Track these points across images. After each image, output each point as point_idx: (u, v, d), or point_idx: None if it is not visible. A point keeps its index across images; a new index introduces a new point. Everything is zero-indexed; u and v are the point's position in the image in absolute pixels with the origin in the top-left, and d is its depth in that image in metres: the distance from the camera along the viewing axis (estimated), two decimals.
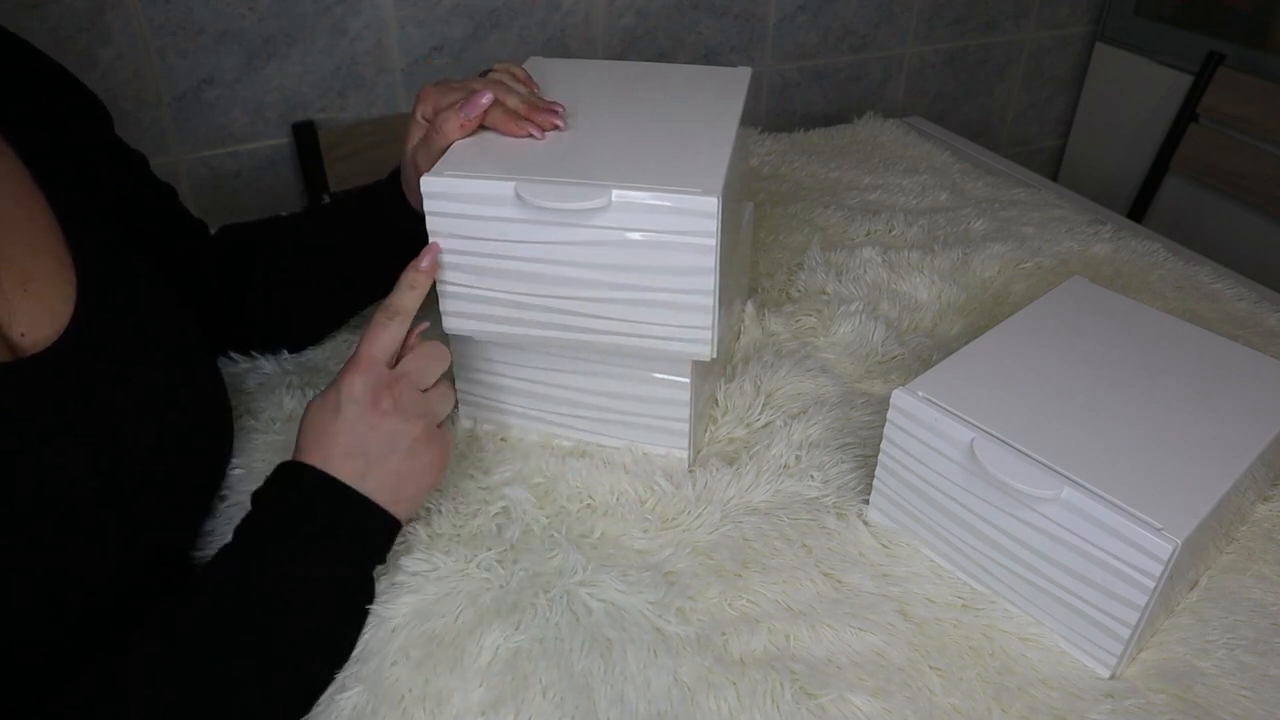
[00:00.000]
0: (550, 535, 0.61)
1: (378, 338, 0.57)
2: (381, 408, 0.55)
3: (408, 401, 0.56)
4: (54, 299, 0.54)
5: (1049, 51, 1.71)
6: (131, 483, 0.54)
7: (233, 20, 1.14)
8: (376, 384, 0.55)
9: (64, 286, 0.55)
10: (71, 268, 0.56)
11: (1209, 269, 0.96)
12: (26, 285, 0.53)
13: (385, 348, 0.57)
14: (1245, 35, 1.46)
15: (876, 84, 1.59)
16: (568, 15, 1.31)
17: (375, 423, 0.55)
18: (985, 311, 0.87)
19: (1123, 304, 0.68)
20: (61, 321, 0.54)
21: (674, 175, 0.58)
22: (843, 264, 0.92)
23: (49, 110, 0.61)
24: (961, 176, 1.17)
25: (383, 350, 0.57)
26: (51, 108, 0.62)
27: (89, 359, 0.54)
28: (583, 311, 0.61)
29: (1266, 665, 0.54)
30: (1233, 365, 0.62)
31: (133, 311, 0.59)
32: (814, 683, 0.52)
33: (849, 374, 0.79)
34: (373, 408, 0.55)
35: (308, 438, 0.55)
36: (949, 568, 0.60)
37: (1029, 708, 0.52)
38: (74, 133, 0.63)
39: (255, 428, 0.70)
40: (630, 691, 0.52)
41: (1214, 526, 0.54)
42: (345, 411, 0.55)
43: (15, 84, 0.60)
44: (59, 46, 1.07)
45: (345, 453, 0.54)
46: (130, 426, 0.55)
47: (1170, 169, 1.55)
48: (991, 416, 0.56)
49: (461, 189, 0.58)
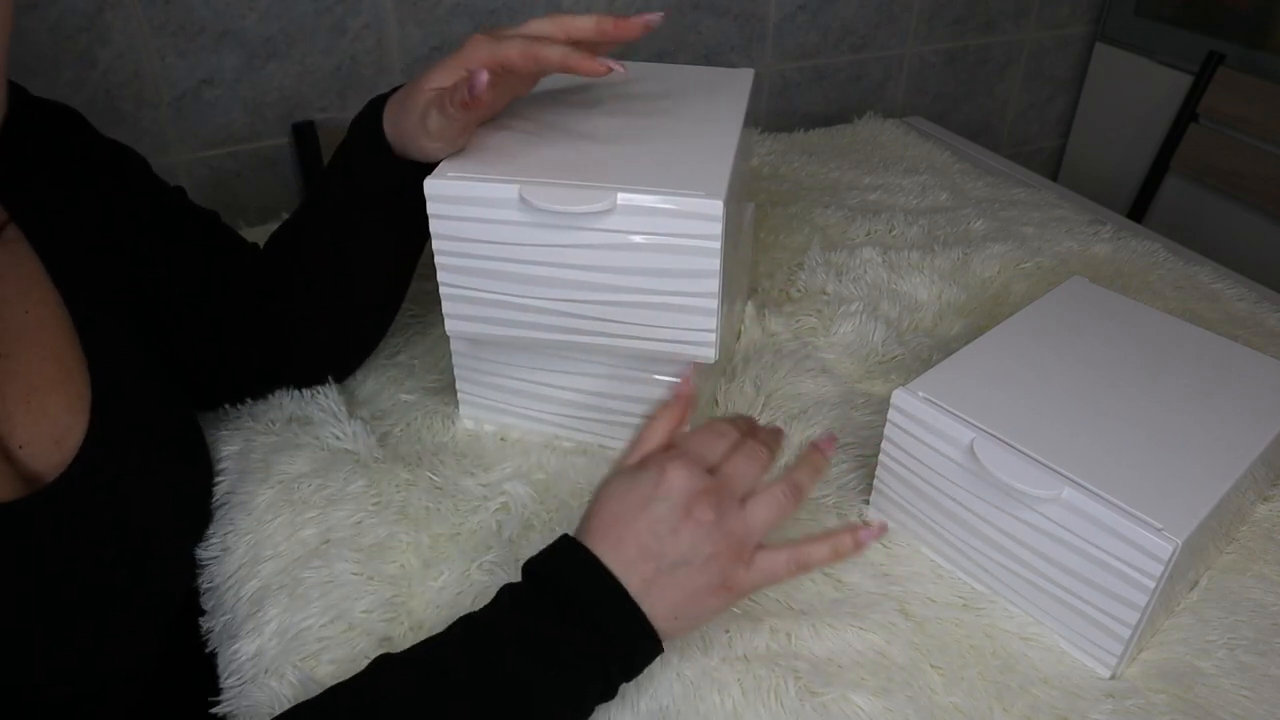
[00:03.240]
0: (552, 530, 0.61)
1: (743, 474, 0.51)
2: (694, 516, 0.48)
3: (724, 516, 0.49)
4: (59, 410, 0.52)
5: (1049, 51, 1.71)
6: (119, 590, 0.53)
7: (233, 20, 1.14)
8: (695, 488, 0.49)
9: (71, 398, 0.53)
10: (82, 376, 0.53)
11: (1209, 269, 0.96)
12: (30, 397, 0.51)
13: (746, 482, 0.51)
14: (1245, 35, 1.46)
15: (876, 84, 1.59)
16: None
17: (682, 532, 0.48)
18: (985, 311, 0.87)
19: (1123, 304, 0.68)
20: (65, 437, 0.52)
21: (678, 178, 0.58)
22: (843, 264, 0.92)
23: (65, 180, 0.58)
24: (961, 176, 1.17)
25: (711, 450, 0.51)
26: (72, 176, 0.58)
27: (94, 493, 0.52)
28: (585, 314, 0.61)
29: (1266, 665, 0.55)
30: (1233, 365, 0.62)
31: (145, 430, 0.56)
32: (816, 681, 0.52)
33: (849, 374, 0.79)
34: (684, 515, 0.48)
35: (598, 519, 0.49)
36: (949, 568, 0.60)
37: (1030, 707, 0.52)
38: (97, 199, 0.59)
39: (255, 429, 0.70)
40: (632, 688, 0.52)
41: (1214, 526, 0.54)
42: (650, 508, 0.48)
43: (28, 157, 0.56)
44: (59, 46, 1.07)
45: (637, 557, 0.48)
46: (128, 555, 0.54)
47: (1170, 169, 1.55)
48: (991, 416, 0.56)
49: (465, 191, 0.58)
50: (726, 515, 0.49)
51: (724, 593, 0.49)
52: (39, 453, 0.51)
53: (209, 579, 0.61)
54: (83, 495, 0.52)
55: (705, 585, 0.48)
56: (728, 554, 0.49)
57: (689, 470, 0.49)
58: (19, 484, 0.50)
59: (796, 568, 0.51)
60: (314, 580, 0.58)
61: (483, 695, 0.45)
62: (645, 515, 0.48)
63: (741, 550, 0.49)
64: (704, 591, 0.49)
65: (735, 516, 0.49)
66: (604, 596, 0.47)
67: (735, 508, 0.49)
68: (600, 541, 0.48)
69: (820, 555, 0.51)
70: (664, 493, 0.48)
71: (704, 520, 0.48)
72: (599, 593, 0.47)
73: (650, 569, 0.48)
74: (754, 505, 0.50)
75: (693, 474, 0.49)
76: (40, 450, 0.51)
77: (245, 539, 0.62)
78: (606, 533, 0.49)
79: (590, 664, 0.47)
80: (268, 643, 0.55)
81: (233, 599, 0.59)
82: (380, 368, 0.78)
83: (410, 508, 0.64)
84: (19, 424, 0.51)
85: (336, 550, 0.60)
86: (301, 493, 0.64)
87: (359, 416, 0.71)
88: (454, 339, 0.68)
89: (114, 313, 0.58)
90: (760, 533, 0.50)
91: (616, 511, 0.49)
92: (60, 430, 0.52)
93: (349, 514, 0.63)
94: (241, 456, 0.68)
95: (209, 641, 0.59)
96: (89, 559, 0.52)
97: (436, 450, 0.69)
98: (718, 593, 0.49)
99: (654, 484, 0.49)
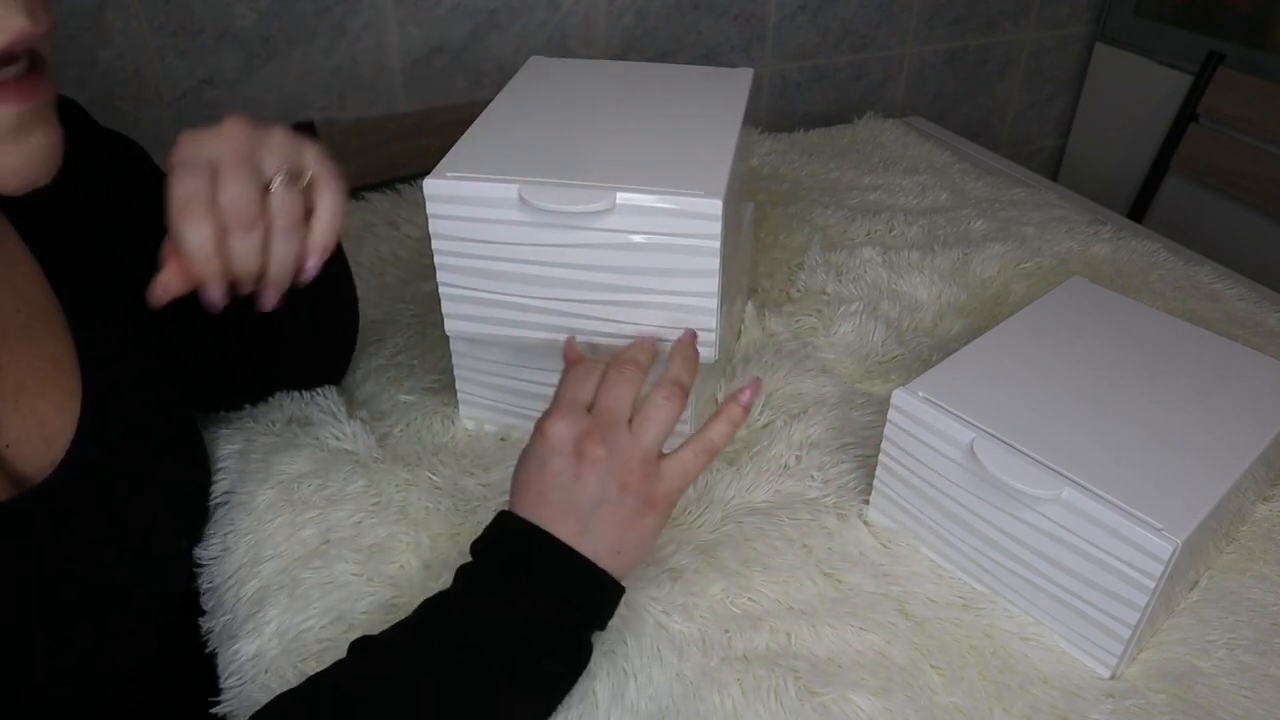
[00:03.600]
0: None
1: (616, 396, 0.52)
2: (588, 457, 0.50)
3: (614, 444, 0.51)
4: (48, 411, 0.52)
5: (1049, 51, 1.71)
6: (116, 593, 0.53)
7: (233, 20, 1.14)
8: (577, 431, 0.51)
9: (62, 397, 0.53)
10: (75, 375, 0.53)
11: (1209, 269, 0.96)
12: (19, 396, 0.51)
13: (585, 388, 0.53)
14: (1245, 35, 1.46)
15: (876, 84, 1.59)
16: (568, 15, 1.31)
17: (584, 475, 0.50)
18: (985, 311, 0.87)
19: (1123, 304, 0.68)
20: (55, 437, 0.52)
21: (677, 178, 0.58)
22: (843, 264, 0.92)
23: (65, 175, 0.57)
24: (961, 176, 1.17)
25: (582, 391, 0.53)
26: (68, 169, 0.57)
27: (84, 494, 0.52)
28: (585, 314, 0.61)
29: (1266, 665, 0.54)
30: (1233, 365, 0.62)
31: (138, 430, 0.56)
32: (816, 681, 0.52)
33: (849, 374, 0.79)
34: (579, 459, 0.50)
35: (520, 494, 0.52)
36: (949, 568, 0.60)
37: (1030, 707, 0.52)
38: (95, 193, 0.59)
39: (255, 429, 0.70)
40: (632, 687, 0.52)
41: (1214, 526, 0.54)
42: (549, 464, 0.51)
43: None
44: (59, 46, 1.07)
45: (558, 512, 0.50)
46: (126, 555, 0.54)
47: (1170, 169, 1.55)
48: (991, 416, 0.56)
49: (464, 191, 0.58)
50: (616, 443, 0.51)
51: (651, 511, 0.52)
52: (28, 453, 0.51)
53: (209, 579, 0.61)
54: (73, 496, 0.51)
55: (630, 513, 0.51)
56: (636, 476, 0.51)
57: (564, 418, 0.51)
58: (8, 485, 0.49)
59: (705, 455, 0.53)
60: (314, 581, 0.58)
61: (452, 674, 0.47)
62: (546, 473, 0.51)
63: (646, 467, 0.51)
64: (632, 518, 0.51)
65: (626, 441, 0.51)
66: (545, 552, 0.50)
67: (623, 433, 0.51)
68: (525, 508, 0.51)
69: (720, 432, 0.53)
70: (551, 447, 0.51)
71: (597, 457, 0.50)
72: (540, 551, 0.50)
73: (573, 520, 0.50)
74: (639, 421, 0.52)
75: (568, 419, 0.51)
76: (30, 451, 0.51)
77: (245, 539, 0.62)
78: (525, 501, 0.51)
79: (551, 623, 0.49)
80: (268, 643, 0.55)
81: (233, 599, 0.59)
82: (380, 368, 0.78)
83: (410, 508, 0.64)
84: (7, 423, 0.50)
85: (336, 550, 0.60)
86: (301, 493, 0.64)
87: (359, 417, 0.71)
88: (454, 339, 0.68)
89: (110, 312, 0.57)
90: (656, 443, 0.52)
91: (524, 479, 0.52)
92: (50, 430, 0.52)
93: (349, 514, 0.63)
94: (241, 456, 0.67)
95: (209, 642, 0.59)
96: (82, 559, 0.51)
97: (436, 450, 0.69)
98: (646, 513, 0.51)
99: (540, 442, 0.51)
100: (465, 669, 0.47)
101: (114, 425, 0.54)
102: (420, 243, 0.96)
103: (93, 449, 0.53)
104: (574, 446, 0.51)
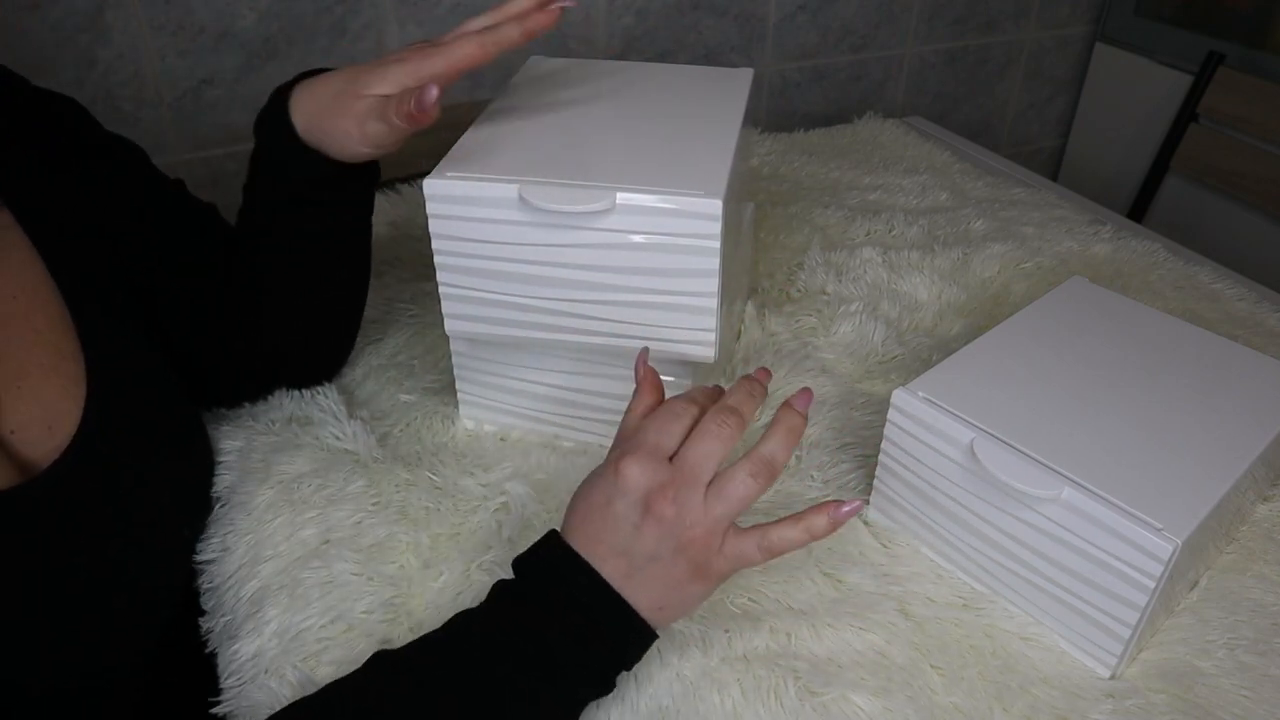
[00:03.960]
0: (551, 529, 0.61)
1: (664, 425, 0.49)
2: (654, 512, 0.47)
3: (686, 505, 0.48)
4: (52, 396, 0.52)
5: (1049, 51, 1.71)
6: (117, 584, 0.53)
7: (233, 20, 1.14)
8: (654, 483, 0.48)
9: (66, 383, 0.53)
10: (77, 363, 0.53)
11: (1209, 269, 0.96)
12: (21, 382, 0.51)
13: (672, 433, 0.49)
14: (1245, 35, 1.46)
15: (876, 84, 1.59)
16: (568, 15, 1.31)
17: (646, 529, 0.47)
18: (985, 311, 0.87)
19: (1123, 304, 0.68)
20: (59, 424, 0.52)
21: (677, 178, 0.58)
22: (843, 264, 0.92)
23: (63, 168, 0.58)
24: (961, 176, 1.17)
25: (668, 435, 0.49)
26: (69, 164, 0.58)
27: (90, 482, 0.52)
28: (585, 314, 0.61)
29: (1266, 665, 0.54)
30: (1233, 365, 0.62)
31: (140, 418, 0.56)
32: (816, 681, 0.52)
33: (849, 374, 0.79)
34: (645, 512, 0.47)
35: (576, 523, 0.50)
36: (949, 568, 0.60)
37: (1030, 707, 0.52)
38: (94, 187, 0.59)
39: (255, 428, 0.70)
40: (632, 687, 0.52)
41: (1214, 526, 0.54)
42: (614, 504, 0.48)
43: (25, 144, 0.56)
44: (59, 46, 1.07)
45: (609, 553, 0.48)
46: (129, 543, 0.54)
47: (1170, 169, 1.55)
48: (991, 416, 0.56)
49: (464, 191, 0.58)
50: (687, 507, 0.48)
51: (701, 580, 0.49)
52: (32, 439, 0.51)
53: (209, 579, 0.61)
54: (78, 482, 0.51)
55: (681, 577, 0.48)
56: (698, 544, 0.48)
57: (642, 464, 0.48)
58: (12, 471, 0.49)
59: (766, 554, 0.49)
60: (314, 581, 0.58)
61: (475, 694, 0.46)
62: (609, 514, 0.48)
63: (710, 538, 0.48)
64: (682, 581, 0.48)
65: (697, 507, 0.48)
66: (589, 589, 0.48)
67: (696, 497, 0.48)
68: (576, 540, 0.49)
69: (791, 538, 0.49)
70: (622, 491, 0.48)
71: (664, 516, 0.47)
72: (584, 586, 0.48)
73: (624, 565, 0.48)
74: (717, 491, 0.48)
75: (646, 467, 0.48)
76: (33, 436, 0.51)
77: (245, 539, 0.62)
78: (580, 532, 0.49)
79: (581, 657, 0.47)
80: (268, 643, 0.55)
81: (233, 599, 0.59)
82: (380, 368, 0.78)
83: (410, 508, 0.64)
84: (9, 409, 0.50)
85: (336, 550, 0.60)
86: (301, 493, 0.64)
87: (359, 416, 0.71)
88: (454, 339, 0.68)
89: (110, 301, 0.58)
90: (728, 519, 0.49)
91: (584, 511, 0.49)
92: (53, 416, 0.52)
93: (349, 514, 0.63)
94: (242, 456, 0.67)
95: (209, 642, 0.59)
96: (86, 547, 0.51)
97: (436, 450, 0.69)
98: (695, 580, 0.49)
99: (611, 482, 0.48)
100: (489, 684, 0.46)
101: (118, 412, 0.54)
102: (420, 243, 0.96)
103: (98, 435, 0.53)
104: (644, 496, 0.47)
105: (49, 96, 0.60)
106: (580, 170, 0.59)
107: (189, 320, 0.65)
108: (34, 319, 0.52)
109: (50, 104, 0.60)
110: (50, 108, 0.60)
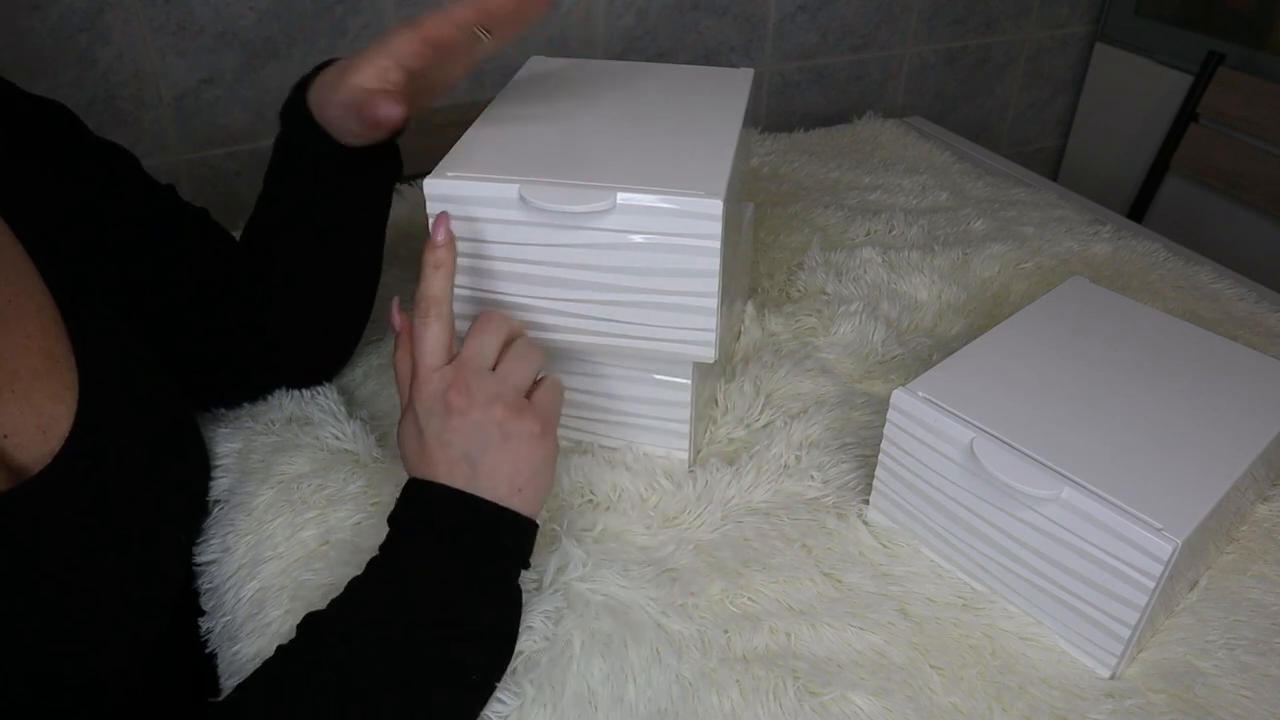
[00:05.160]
0: (550, 529, 0.61)
1: (424, 342, 0.54)
2: (455, 408, 0.52)
3: (477, 388, 0.53)
4: (45, 399, 0.52)
5: (1049, 51, 1.71)
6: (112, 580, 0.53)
7: (233, 20, 1.14)
8: (440, 388, 0.53)
9: (58, 387, 0.53)
10: (69, 366, 0.53)
11: (1209, 269, 0.96)
12: (14, 385, 0.51)
13: (436, 350, 0.54)
14: (1245, 35, 1.46)
15: (876, 84, 1.59)
16: (568, 15, 1.31)
17: (457, 425, 0.52)
18: (985, 311, 0.87)
19: (1123, 304, 0.68)
20: (53, 426, 0.52)
21: (678, 178, 0.58)
22: (843, 264, 0.93)
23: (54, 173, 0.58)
24: (961, 176, 1.17)
25: (434, 354, 0.54)
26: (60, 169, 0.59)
27: (83, 485, 0.52)
28: (584, 314, 0.61)
29: (1266, 665, 0.54)
30: (1233, 365, 0.62)
31: (135, 421, 0.57)
32: (816, 681, 0.52)
33: (849, 374, 0.79)
34: (448, 413, 0.52)
35: (411, 464, 0.54)
36: (949, 568, 0.60)
37: (1030, 707, 0.52)
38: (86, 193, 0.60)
39: (255, 429, 0.70)
40: (631, 688, 0.52)
41: (1214, 526, 0.54)
42: (427, 428, 0.53)
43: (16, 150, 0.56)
44: (59, 46, 1.07)
45: (448, 467, 0.52)
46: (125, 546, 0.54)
47: (1170, 169, 1.55)
48: (991, 416, 0.56)
49: (464, 191, 0.58)
50: (479, 386, 0.53)
51: (536, 439, 0.53)
52: (25, 443, 0.51)
53: (209, 580, 0.61)
54: (72, 486, 0.51)
55: (518, 447, 0.53)
56: (508, 411, 0.53)
57: (424, 380, 0.53)
58: (5, 475, 0.49)
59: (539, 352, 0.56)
60: (314, 582, 0.58)
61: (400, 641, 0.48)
62: (426, 435, 0.53)
63: (517, 402, 0.53)
64: (522, 451, 0.53)
65: (487, 381, 0.53)
66: (446, 505, 0.52)
67: (482, 375, 0.53)
68: (418, 474, 0.53)
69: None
70: (423, 410, 0.53)
71: (460, 406, 0.52)
72: (443, 504, 0.52)
73: (464, 468, 0.52)
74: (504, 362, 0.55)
75: (428, 380, 0.53)
76: (27, 440, 0.51)
77: (245, 540, 0.62)
78: (419, 466, 0.54)
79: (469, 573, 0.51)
80: (268, 644, 0.55)
81: (233, 600, 0.59)
82: (380, 368, 0.78)
83: None
84: (2, 413, 0.50)
85: (336, 551, 0.60)
86: (301, 493, 0.64)
87: (359, 417, 0.71)
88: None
89: (103, 305, 0.57)
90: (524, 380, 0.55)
91: (410, 450, 0.54)
92: (46, 419, 0.52)
93: (349, 514, 0.63)
94: (241, 456, 0.67)
95: (209, 643, 0.59)
96: (81, 550, 0.51)
97: None
98: (532, 442, 0.53)
99: (413, 412, 0.53)
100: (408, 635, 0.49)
101: (112, 415, 0.54)
102: (420, 243, 0.95)
103: (91, 438, 0.53)
104: (441, 403, 0.52)
105: (39, 102, 0.60)
106: (580, 170, 0.59)
107: (186, 321, 0.65)
108: (26, 323, 0.52)
109: (41, 109, 0.60)
110: (41, 113, 0.60)
